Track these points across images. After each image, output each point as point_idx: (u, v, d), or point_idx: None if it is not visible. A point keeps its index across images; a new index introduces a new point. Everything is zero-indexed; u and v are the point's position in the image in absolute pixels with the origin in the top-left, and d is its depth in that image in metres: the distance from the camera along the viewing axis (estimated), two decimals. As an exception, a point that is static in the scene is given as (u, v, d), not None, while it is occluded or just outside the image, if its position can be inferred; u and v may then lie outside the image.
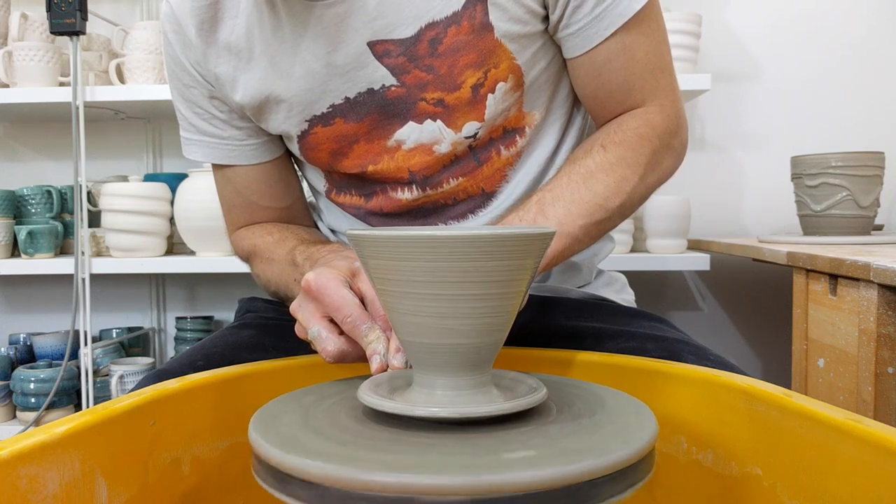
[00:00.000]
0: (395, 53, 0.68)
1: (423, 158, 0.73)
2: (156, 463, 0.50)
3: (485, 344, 0.42)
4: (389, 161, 0.74)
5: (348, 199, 0.81)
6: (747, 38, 1.87)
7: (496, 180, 0.76)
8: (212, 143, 0.80)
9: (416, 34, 0.67)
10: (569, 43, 0.70)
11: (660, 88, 0.72)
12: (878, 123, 1.85)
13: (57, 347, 1.80)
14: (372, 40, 0.68)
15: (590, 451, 0.37)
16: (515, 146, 0.75)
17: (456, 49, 0.68)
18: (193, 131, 0.80)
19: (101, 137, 1.95)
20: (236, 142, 0.79)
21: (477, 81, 0.69)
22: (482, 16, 0.67)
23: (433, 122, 0.72)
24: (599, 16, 0.67)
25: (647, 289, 1.87)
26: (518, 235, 0.40)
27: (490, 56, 0.68)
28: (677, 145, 0.73)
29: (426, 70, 0.69)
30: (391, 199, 0.77)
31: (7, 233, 1.74)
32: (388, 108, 0.71)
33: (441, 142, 0.72)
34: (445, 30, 0.67)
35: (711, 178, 1.88)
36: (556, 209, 0.64)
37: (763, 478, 0.47)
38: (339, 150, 0.75)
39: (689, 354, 0.65)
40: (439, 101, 0.70)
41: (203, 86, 0.77)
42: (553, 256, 0.64)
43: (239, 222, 0.86)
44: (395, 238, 0.40)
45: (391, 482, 0.34)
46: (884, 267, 0.94)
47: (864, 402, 1.00)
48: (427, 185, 0.75)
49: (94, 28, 1.78)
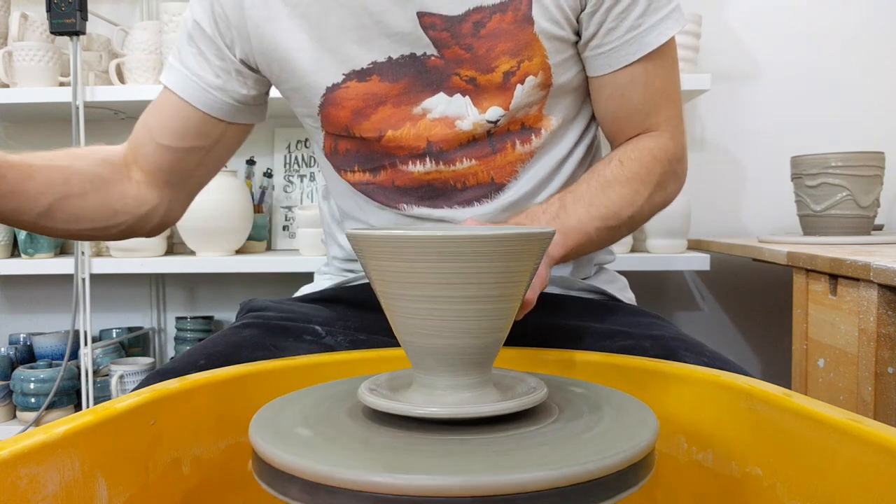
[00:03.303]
0: (439, 27, 0.73)
1: (443, 131, 0.76)
2: (156, 463, 0.50)
3: (485, 344, 0.42)
4: (411, 128, 0.76)
5: (352, 177, 0.82)
6: (747, 38, 1.87)
7: (507, 173, 0.78)
8: (186, 75, 0.80)
9: (462, 14, 0.72)
10: (597, 62, 0.76)
11: (672, 117, 0.78)
12: (878, 123, 1.85)
13: (57, 347, 1.80)
14: (421, 11, 0.72)
15: (590, 451, 0.37)
16: (530, 144, 0.78)
17: (497, 35, 0.72)
18: (178, 61, 0.81)
19: (101, 137, 1.94)
20: (205, 84, 0.80)
21: (510, 69, 0.73)
22: (526, 9, 0.72)
23: (462, 98, 0.75)
24: (630, 41, 0.74)
25: (647, 289, 1.87)
26: (518, 235, 0.40)
27: (526, 48, 0.73)
28: (680, 172, 0.80)
29: (465, 48, 0.73)
30: (402, 173, 0.78)
31: (7, 233, 1.74)
32: (424, 76, 0.75)
33: (465, 118, 0.75)
34: (490, 15, 0.72)
35: (711, 178, 1.88)
36: (577, 208, 0.70)
37: (763, 478, 0.47)
38: (363, 110, 0.77)
39: (686, 351, 0.66)
40: (471, 80, 0.74)
41: (211, 26, 0.78)
42: (570, 248, 0.68)
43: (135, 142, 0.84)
44: (395, 238, 0.40)
45: (391, 482, 0.34)
46: (884, 267, 0.94)
47: (864, 402, 1.00)
48: (441, 160, 0.77)
49: (94, 28, 1.78)
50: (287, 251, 1.86)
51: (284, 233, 1.91)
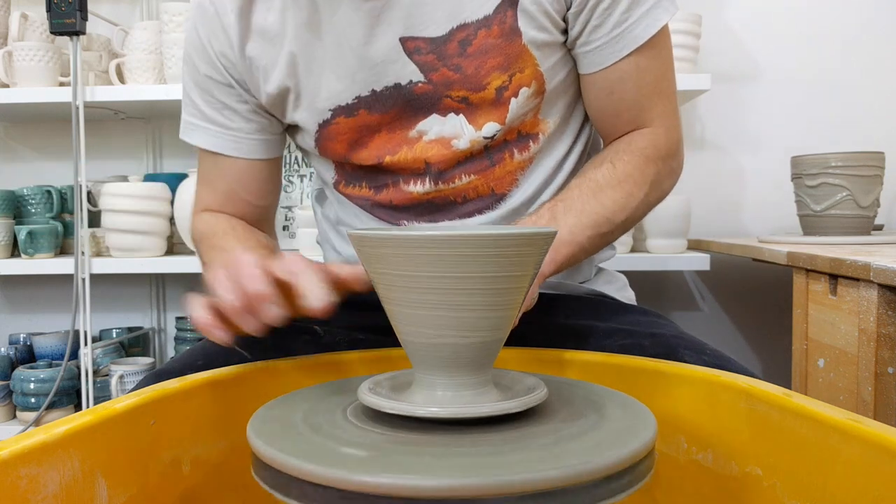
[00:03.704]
0: (424, 51, 0.70)
1: (440, 151, 0.75)
2: (156, 463, 0.50)
3: (485, 343, 0.42)
4: (408, 151, 0.76)
5: (357, 191, 0.82)
6: (747, 38, 1.87)
7: (507, 183, 0.78)
8: (218, 132, 0.80)
9: (446, 34, 0.70)
10: (585, 59, 0.73)
11: (665, 111, 0.75)
12: (878, 123, 1.85)
13: (57, 347, 1.80)
14: (404, 36, 0.70)
15: (590, 451, 0.37)
16: (528, 151, 0.77)
17: (484, 51, 0.70)
18: (199, 117, 0.80)
19: (101, 137, 1.95)
20: (243, 134, 0.80)
21: (502, 84, 0.72)
22: (512, 21, 0.69)
23: (456, 117, 0.74)
24: (617, 37, 0.71)
25: (647, 289, 1.87)
26: (519, 235, 0.40)
27: (516, 60, 0.71)
28: (676, 167, 0.78)
29: (454, 69, 0.71)
30: (402, 192, 0.78)
31: (7, 233, 1.74)
32: (413, 103, 0.73)
33: (461, 137, 0.74)
34: (476, 32, 0.69)
35: (711, 178, 1.88)
36: (568, 218, 0.68)
37: (763, 478, 0.47)
38: (359, 141, 0.76)
39: (687, 350, 0.65)
40: (463, 99, 0.73)
41: (222, 75, 0.77)
42: (561, 263, 0.66)
43: (211, 204, 0.85)
44: (396, 238, 0.40)
45: (391, 483, 0.34)
46: (884, 267, 0.94)
47: (864, 402, 1.00)
48: (440, 179, 0.77)
49: (94, 28, 1.78)
50: (287, 251, 1.86)
51: (284, 233, 1.91)
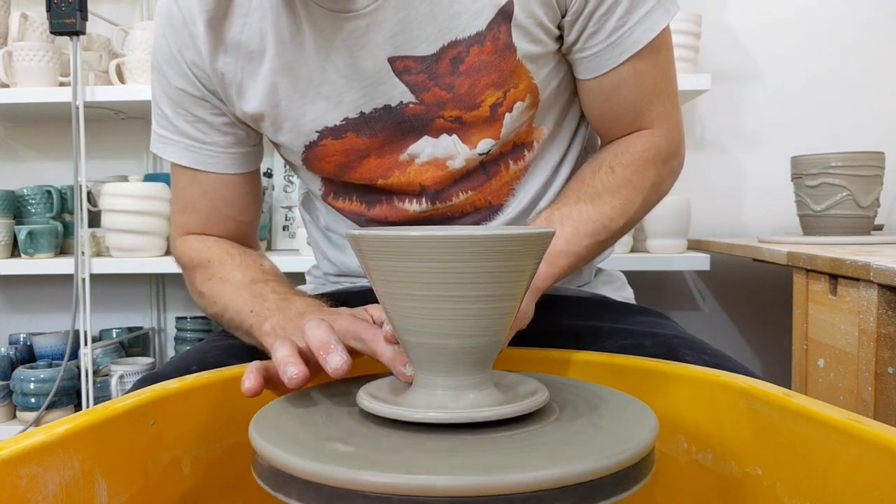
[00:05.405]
0: (415, 70, 0.67)
1: (435, 173, 0.73)
2: (156, 463, 0.50)
3: (485, 343, 0.42)
4: (401, 175, 0.73)
5: (347, 205, 0.79)
6: (747, 38, 1.87)
7: (503, 193, 0.76)
8: (191, 146, 0.76)
9: (437, 52, 0.67)
10: (582, 66, 0.71)
11: (666, 112, 0.73)
12: (878, 123, 1.85)
13: (57, 347, 1.80)
14: (393, 56, 0.67)
15: (590, 451, 0.37)
16: (523, 160, 0.76)
17: (477, 69, 0.67)
18: (172, 130, 0.77)
19: (101, 137, 1.95)
20: (219, 148, 0.76)
21: (496, 101, 0.69)
22: (506, 37, 0.66)
23: (448, 137, 0.71)
24: (614, 43, 0.68)
25: (647, 289, 1.87)
26: (518, 235, 0.40)
27: (511, 76, 0.68)
28: (676, 166, 0.76)
29: (446, 88, 0.68)
30: (397, 209, 0.76)
31: (7, 233, 1.74)
32: (404, 125, 0.71)
33: (455, 157, 0.72)
34: (468, 49, 0.66)
35: (711, 178, 1.88)
36: (565, 228, 0.66)
37: (763, 478, 0.47)
38: (348, 163, 0.74)
39: (687, 349, 0.65)
40: (456, 119, 0.70)
41: (195, 86, 0.73)
42: (558, 276, 0.65)
43: (192, 227, 0.81)
44: (396, 238, 0.40)
45: (391, 482, 0.34)
46: (884, 267, 0.93)
47: (864, 402, 1.00)
48: (437, 199, 0.75)
49: (94, 28, 1.77)
50: (287, 251, 1.86)
51: (284, 233, 1.91)
